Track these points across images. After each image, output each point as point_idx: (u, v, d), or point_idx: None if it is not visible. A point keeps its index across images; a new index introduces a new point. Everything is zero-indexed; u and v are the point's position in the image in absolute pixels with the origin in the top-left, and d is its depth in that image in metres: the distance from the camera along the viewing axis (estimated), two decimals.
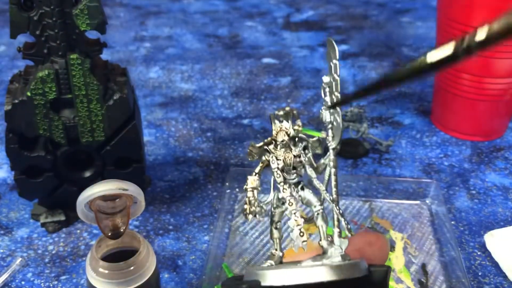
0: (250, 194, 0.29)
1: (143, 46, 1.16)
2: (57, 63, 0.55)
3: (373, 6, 1.42)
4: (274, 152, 0.30)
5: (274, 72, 1.05)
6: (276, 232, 0.30)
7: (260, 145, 0.30)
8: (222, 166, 0.75)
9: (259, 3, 1.43)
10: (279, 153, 0.30)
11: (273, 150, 0.30)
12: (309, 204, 0.30)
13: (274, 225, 0.30)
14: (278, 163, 0.30)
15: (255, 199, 0.29)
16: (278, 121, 0.31)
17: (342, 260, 0.28)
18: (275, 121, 0.31)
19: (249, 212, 0.29)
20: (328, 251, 0.28)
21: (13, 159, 0.59)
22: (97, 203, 0.43)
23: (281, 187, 0.29)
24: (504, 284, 0.57)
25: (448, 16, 0.76)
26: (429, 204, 0.68)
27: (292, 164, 0.30)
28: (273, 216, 0.31)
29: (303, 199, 0.30)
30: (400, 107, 0.92)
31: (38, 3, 0.52)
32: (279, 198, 0.30)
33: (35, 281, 0.57)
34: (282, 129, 0.30)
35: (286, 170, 0.30)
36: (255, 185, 0.30)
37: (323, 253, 0.28)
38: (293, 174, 0.30)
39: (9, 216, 0.66)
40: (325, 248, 0.28)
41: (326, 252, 0.28)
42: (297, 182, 0.30)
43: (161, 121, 0.87)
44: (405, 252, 0.61)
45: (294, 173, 0.30)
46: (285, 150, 0.30)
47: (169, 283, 0.57)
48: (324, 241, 0.28)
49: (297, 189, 0.30)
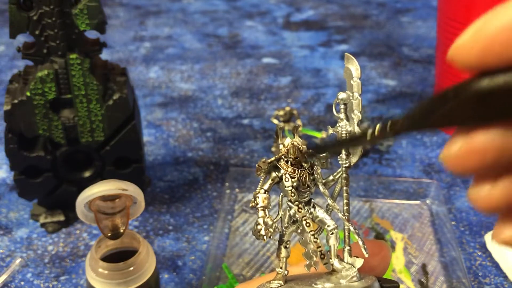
0: (262, 214, 0.28)
1: (143, 46, 1.16)
2: (56, 63, 0.55)
3: (373, 5, 1.42)
4: (286, 168, 0.28)
5: (274, 72, 1.04)
6: (284, 252, 0.29)
7: (271, 160, 0.28)
8: (222, 166, 0.75)
9: (259, 3, 1.43)
10: (292, 170, 0.28)
11: (284, 167, 0.28)
12: (322, 223, 0.29)
13: (284, 244, 0.29)
14: (293, 181, 0.28)
15: (271, 220, 0.28)
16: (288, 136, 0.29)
17: (357, 279, 0.27)
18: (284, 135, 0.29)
19: (264, 234, 0.27)
20: (341, 270, 0.28)
21: (12, 159, 0.59)
22: (97, 203, 0.42)
23: (296, 207, 0.28)
24: (504, 285, 0.57)
25: (448, 15, 0.76)
26: (430, 204, 0.68)
27: (307, 183, 0.28)
28: (283, 235, 0.29)
29: (314, 217, 0.29)
30: (401, 107, 0.91)
31: (37, 3, 0.52)
32: (290, 217, 0.29)
33: (35, 282, 0.57)
34: (294, 145, 0.28)
35: (300, 189, 0.28)
36: (266, 204, 0.28)
37: (333, 271, 0.28)
38: (305, 193, 0.29)
39: (9, 217, 0.66)
40: (336, 267, 0.28)
41: (337, 271, 0.28)
42: (308, 201, 0.29)
43: (160, 121, 0.87)
44: (406, 253, 0.61)
45: (307, 191, 0.29)
46: (298, 167, 0.28)
47: (169, 284, 0.57)
48: (335, 260, 0.28)
49: (309, 207, 0.29)
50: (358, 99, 0.28)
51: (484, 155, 0.19)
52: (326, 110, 0.90)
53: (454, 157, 0.20)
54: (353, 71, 0.28)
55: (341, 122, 0.29)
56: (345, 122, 0.29)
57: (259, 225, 0.27)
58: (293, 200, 0.28)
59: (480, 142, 0.19)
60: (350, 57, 0.29)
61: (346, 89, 0.29)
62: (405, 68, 1.06)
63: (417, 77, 1.02)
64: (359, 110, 0.28)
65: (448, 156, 0.20)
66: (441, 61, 0.82)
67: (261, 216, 0.28)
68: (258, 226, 0.27)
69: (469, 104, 0.19)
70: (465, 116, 0.19)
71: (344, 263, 0.28)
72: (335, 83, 0.99)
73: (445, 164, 0.20)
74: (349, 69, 0.28)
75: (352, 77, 0.28)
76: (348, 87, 0.28)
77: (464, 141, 0.20)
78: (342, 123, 0.29)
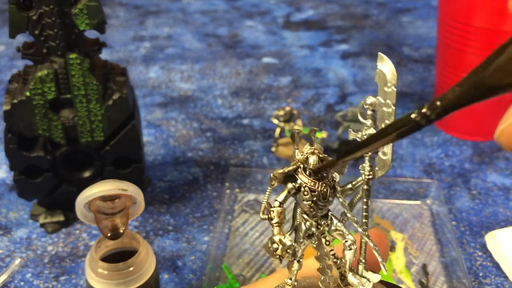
0: (278, 231, 0.25)
1: (143, 45, 1.16)
2: (56, 63, 0.55)
3: (373, 5, 1.42)
4: (306, 181, 0.25)
5: (274, 72, 1.04)
6: (297, 265, 0.26)
7: (288, 170, 0.25)
8: (222, 166, 0.75)
9: (259, 3, 1.43)
10: (312, 183, 0.25)
11: (304, 179, 0.25)
12: (341, 237, 0.27)
13: (297, 259, 0.27)
14: (313, 195, 0.25)
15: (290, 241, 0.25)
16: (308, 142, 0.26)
17: None
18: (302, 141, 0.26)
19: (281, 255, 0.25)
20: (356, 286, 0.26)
21: (12, 159, 0.58)
22: (97, 203, 0.42)
23: (315, 223, 0.26)
24: (505, 285, 0.57)
25: (449, 15, 0.76)
26: (430, 204, 0.68)
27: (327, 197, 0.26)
28: (297, 251, 0.26)
29: (332, 231, 0.27)
30: (401, 106, 0.91)
31: (37, 3, 0.52)
32: (305, 231, 0.26)
33: (34, 282, 0.57)
34: (315, 153, 0.25)
35: (319, 203, 0.26)
36: (281, 220, 0.25)
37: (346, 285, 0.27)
38: (324, 207, 0.26)
39: (8, 217, 0.66)
40: (351, 281, 0.26)
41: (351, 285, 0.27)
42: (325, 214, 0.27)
43: (160, 121, 0.87)
44: (406, 253, 0.61)
45: (326, 204, 0.26)
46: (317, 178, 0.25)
47: (169, 284, 0.57)
48: (350, 274, 0.26)
49: (326, 220, 0.27)
50: (392, 109, 0.25)
51: None
52: (326, 110, 0.90)
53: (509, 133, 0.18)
54: (387, 75, 0.25)
55: (367, 130, 0.26)
56: (372, 130, 0.26)
57: (275, 244, 0.25)
58: (311, 216, 0.26)
59: None
60: (384, 58, 0.25)
61: (378, 94, 0.25)
62: (405, 68, 1.06)
63: (417, 77, 1.02)
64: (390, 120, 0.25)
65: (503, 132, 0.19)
66: (441, 61, 0.82)
67: (277, 234, 0.25)
68: (274, 245, 0.25)
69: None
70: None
71: (360, 277, 0.27)
72: (335, 83, 0.99)
73: (500, 141, 0.19)
74: (382, 73, 0.25)
75: (386, 83, 0.25)
76: (380, 92, 0.25)
77: None
78: (368, 131, 0.26)
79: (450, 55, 0.78)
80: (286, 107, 0.78)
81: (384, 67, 0.25)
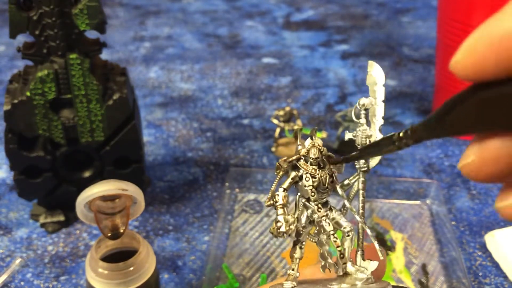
0: (282, 212, 0.28)
1: (143, 46, 1.16)
2: (56, 63, 0.55)
3: (373, 5, 1.42)
4: (307, 168, 0.28)
5: (274, 72, 1.04)
6: (299, 252, 0.29)
7: (292, 159, 0.29)
8: (222, 166, 0.75)
9: (259, 3, 1.43)
10: (313, 170, 0.28)
11: (305, 167, 0.28)
12: (338, 225, 0.29)
13: (299, 245, 0.29)
14: (313, 181, 0.28)
15: (292, 217, 0.28)
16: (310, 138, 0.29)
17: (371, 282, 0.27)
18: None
19: (285, 231, 0.27)
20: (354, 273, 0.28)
21: (12, 159, 0.59)
22: (97, 203, 0.42)
23: (316, 207, 0.28)
24: (504, 285, 0.57)
25: (448, 15, 0.76)
26: (430, 204, 0.68)
27: (326, 184, 0.29)
28: (300, 235, 0.29)
29: (330, 219, 0.29)
30: (401, 106, 0.91)
31: (37, 3, 0.52)
32: (307, 217, 0.29)
33: (35, 282, 0.57)
34: (315, 145, 0.28)
35: (319, 190, 0.28)
36: (285, 202, 0.28)
37: (345, 274, 0.28)
38: (324, 194, 0.29)
39: (9, 217, 0.66)
40: (350, 270, 0.28)
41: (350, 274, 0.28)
42: (325, 202, 0.29)
43: (160, 121, 0.87)
44: (406, 253, 0.61)
45: (326, 192, 0.29)
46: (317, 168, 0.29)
47: (169, 284, 0.57)
48: (348, 263, 0.28)
49: (326, 209, 0.29)
50: (382, 105, 0.29)
51: (497, 163, 0.19)
52: (326, 110, 0.90)
53: (470, 166, 0.20)
54: (377, 78, 0.29)
55: (361, 127, 0.29)
56: (365, 127, 0.29)
57: (279, 222, 0.27)
58: (312, 200, 0.28)
59: (491, 150, 0.19)
60: (374, 64, 0.29)
61: (369, 94, 0.29)
62: (405, 68, 1.06)
63: (417, 77, 1.02)
64: (381, 116, 0.29)
65: (464, 165, 0.20)
66: (441, 61, 0.82)
67: (281, 214, 0.28)
68: (278, 224, 0.27)
69: (473, 110, 0.19)
70: (470, 123, 0.19)
71: (357, 266, 0.28)
72: (335, 83, 0.99)
73: (463, 172, 0.21)
74: (372, 76, 0.29)
75: (376, 83, 0.29)
76: (371, 92, 0.29)
77: (478, 150, 0.20)
78: (362, 128, 0.29)
79: (450, 55, 0.77)
80: (286, 107, 0.78)
81: (375, 72, 0.29)
